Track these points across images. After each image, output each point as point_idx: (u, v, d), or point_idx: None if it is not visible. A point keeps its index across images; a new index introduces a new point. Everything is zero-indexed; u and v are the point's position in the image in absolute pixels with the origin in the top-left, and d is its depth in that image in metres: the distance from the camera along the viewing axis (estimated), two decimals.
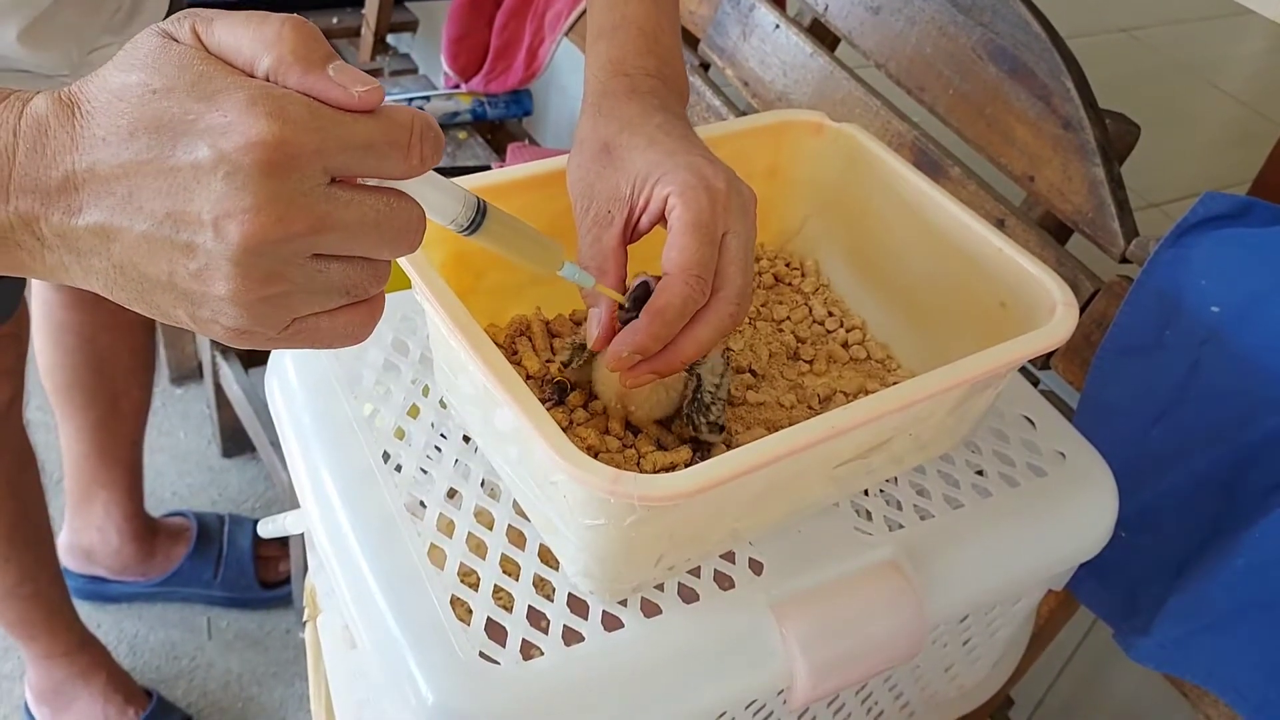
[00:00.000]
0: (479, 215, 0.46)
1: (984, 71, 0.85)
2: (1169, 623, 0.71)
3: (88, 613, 1.46)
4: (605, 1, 0.65)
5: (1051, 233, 0.84)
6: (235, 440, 1.67)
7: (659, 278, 0.54)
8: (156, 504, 1.59)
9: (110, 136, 0.36)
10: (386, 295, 0.73)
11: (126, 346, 1.26)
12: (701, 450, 0.63)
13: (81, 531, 1.42)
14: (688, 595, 0.58)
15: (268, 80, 0.37)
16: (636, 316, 0.55)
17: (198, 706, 1.39)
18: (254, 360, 1.52)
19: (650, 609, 0.57)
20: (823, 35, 1.02)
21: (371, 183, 0.40)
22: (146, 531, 1.45)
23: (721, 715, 0.60)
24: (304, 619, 0.78)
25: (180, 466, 1.68)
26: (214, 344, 1.54)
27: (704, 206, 0.53)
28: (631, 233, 0.58)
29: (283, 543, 1.53)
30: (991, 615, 0.72)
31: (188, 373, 1.79)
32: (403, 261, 0.57)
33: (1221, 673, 0.70)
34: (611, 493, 0.47)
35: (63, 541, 1.43)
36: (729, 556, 0.60)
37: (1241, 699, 0.69)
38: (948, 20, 0.88)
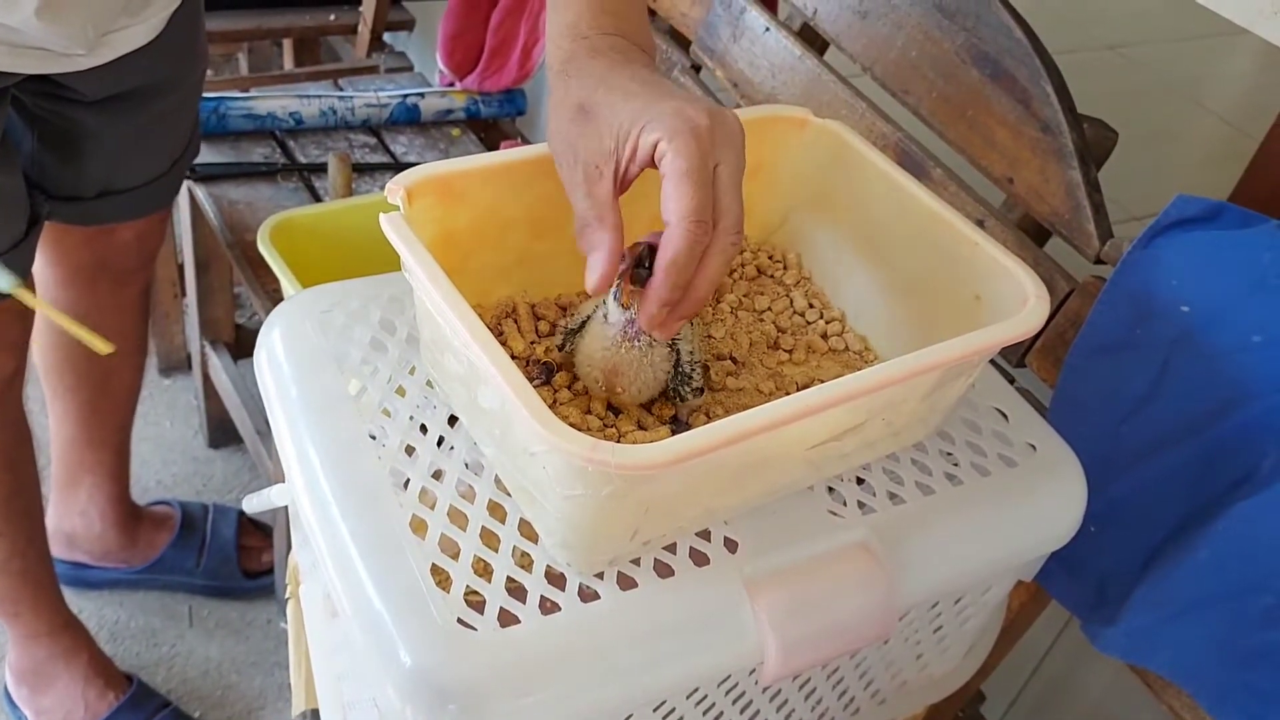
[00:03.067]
0: None
1: (966, 75, 0.87)
2: (1134, 613, 0.73)
3: (70, 598, 1.45)
4: None
5: (1030, 234, 0.86)
6: (222, 431, 1.68)
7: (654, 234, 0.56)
8: (141, 493, 1.60)
9: None
10: (378, 276, 0.74)
11: (120, 327, 1.27)
12: (681, 428, 0.64)
13: (65, 516, 1.43)
14: (663, 570, 0.59)
15: None
16: (647, 272, 0.56)
17: (178, 693, 1.40)
18: (243, 352, 1.53)
19: (626, 583, 0.58)
20: (811, 39, 1.04)
21: None
22: (130, 518, 1.46)
23: (695, 692, 0.62)
24: (285, 595, 0.79)
25: (166, 456, 1.68)
26: (204, 334, 1.55)
27: (693, 151, 0.55)
28: (621, 183, 0.59)
29: (265, 533, 1.54)
30: (962, 603, 0.74)
31: (175, 364, 1.80)
32: (394, 239, 0.59)
33: (1184, 664, 0.71)
34: (589, 460, 0.48)
35: (47, 526, 1.44)
36: (705, 534, 0.61)
37: (1203, 690, 0.71)
38: (933, 25, 0.89)
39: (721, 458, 0.52)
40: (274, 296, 1.20)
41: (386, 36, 1.75)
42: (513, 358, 0.65)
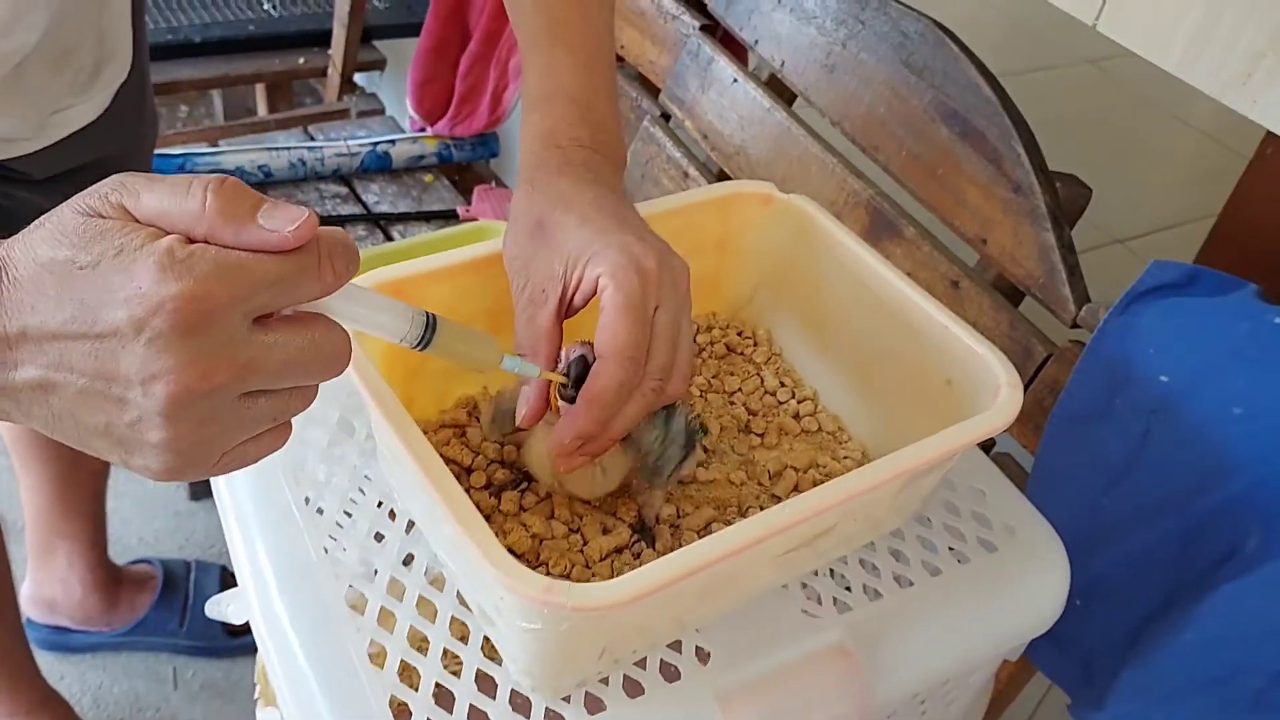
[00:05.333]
0: (429, 331, 0.48)
1: (936, 133, 0.86)
2: (1122, 697, 0.71)
3: (51, 663, 1.44)
4: (538, 71, 0.65)
5: (1005, 295, 0.84)
6: (203, 482, 1.66)
7: (588, 345, 0.55)
8: (122, 550, 1.57)
9: (38, 305, 0.38)
10: None
11: None
12: (644, 533, 0.62)
13: (44, 583, 1.41)
14: (632, 689, 0.57)
15: (206, 242, 0.38)
16: (575, 390, 0.55)
17: None
18: None
19: (595, 705, 0.56)
20: (780, 91, 1.02)
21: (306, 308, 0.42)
22: (110, 581, 1.44)
23: None
24: (256, 696, 0.77)
25: (146, 511, 1.66)
26: None
27: (634, 287, 0.54)
28: (566, 309, 0.58)
29: None
30: (946, 688, 0.72)
31: None
32: None
33: None
34: (544, 603, 0.47)
35: (26, 592, 1.42)
36: (675, 645, 0.60)
37: None
38: (900, 81, 0.88)
39: (686, 583, 0.50)
40: None
41: (358, 77, 1.74)
42: (475, 461, 0.64)
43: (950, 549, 0.68)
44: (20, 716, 1.23)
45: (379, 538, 0.62)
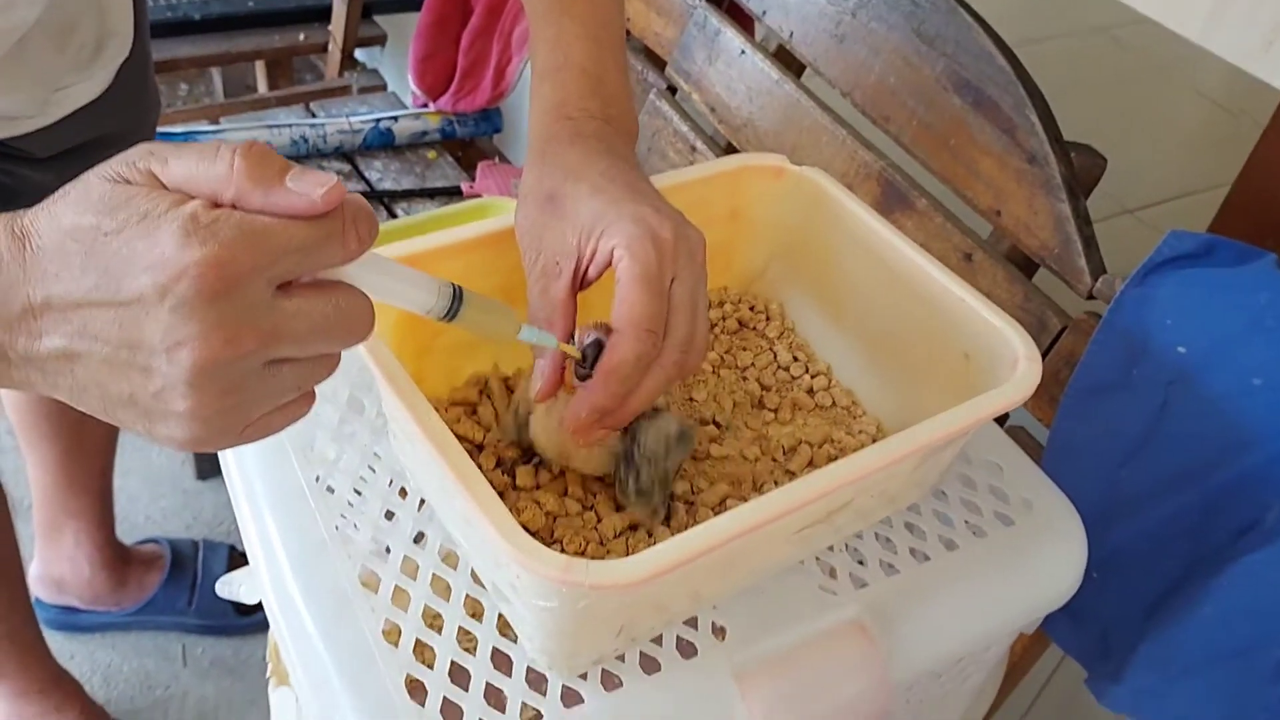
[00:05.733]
0: (455, 302, 0.48)
1: (948, 103, 0.84)
2: (1140, 670, 0.70)
3: (60, 643, 1.44)
4: (548, 44, 0.64)
5: (1019, 267, 0.83)
6: (210, 461, 1.65)
7: (606, 326, 0.54)
8: (130, 529, 1.57)
9: (62, 273, 0.38)
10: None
11: None
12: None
13: (52, 562, 1.41)
14: (649, 666, 0.57)
15: (234, 208, 0.38)
16: (590, 370, 0.54)
17: None
18: None
19: (611, 682, 0.56)
20: (789, 61, 1.01)
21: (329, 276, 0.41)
22: (118, 560, 1.44)
23: None
24: (268, 674, 0.77)
25: (154, 490, 1.66)
26: None
27: (650, 258, 0.53)
28: (580, 282, 0.57)
29: None
30: (962, 664, 0.71)
31: None
32: None
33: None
34: (563, 582, 0.46)
35: (34, 572, 1.42)
36: (692, 622, 0.59)
37: None
38: (911, 51, 0.86)
39: (703, 560, 0.50)
40: None
41: (359, 53, 1.72)
42: (486, 438, 0.63)
43: (967, 523, 0.67)
44: (31, 696, 1.24)
45: (390, 516, 0.62)
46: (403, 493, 0.64)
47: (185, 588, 1.48)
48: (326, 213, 0.39)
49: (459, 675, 0.55)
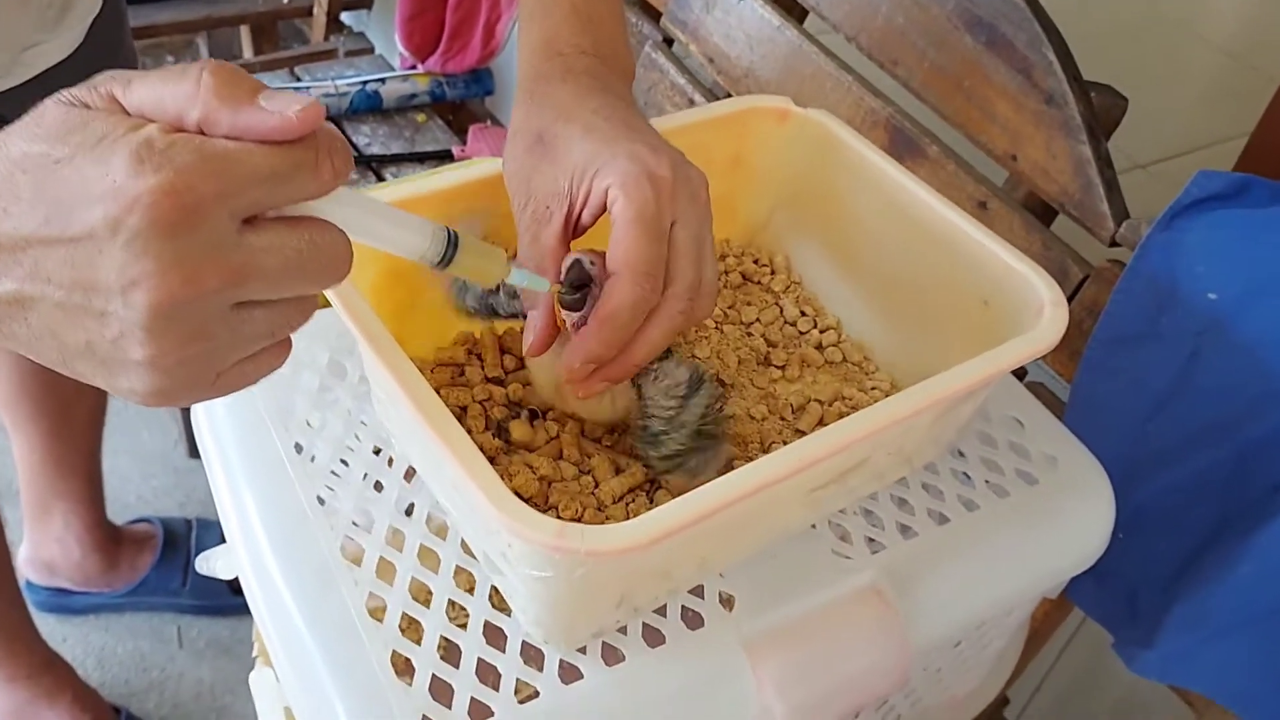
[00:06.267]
0: (450, 248, 0.43)
1: (960, 43, 0.80)
2: (1172, 634, 0.67)
3: (53, 626, 1.41)
4: None
5: (1036, 215, 0.79)
6: None
7: (596, 253, 0.50)
8: (121, 509, 1.54)
9: (11, 208, 0.34)
10: (323, 311, 0.68)
11: None
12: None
13: (42, 544, 1.37)
14: (653, 638, 0.53)
15: (201, 133, 0.34)
16: (575, 299, 0.50)
17: (170, 719, 1.35)
18: None
19: (612, 656, 0.52)
20: (790, 7, 0.96)
21: (294, 212, 0.37)
22: (109, 541, 1.40)
23: None
24: (254, 654, 0.73)
25: (145, 469, 1.63)
26: None
27: (648, 198, 0.49)
28: (574, 229, 0.53)
29: None
30: (983, 628, 0.68)
31: None
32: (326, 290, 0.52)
33: (1230, 684, 0.66)
34: (556, 549, 0.42)
35: (23, 554, 1.39)
36: (698, 591, 0.55)
37: (1252, 712, 0.65)
38: None
39: (709, 522, 0.46)
40: None
41: (345, 16, 1.67)
42: (473, 400, 0.60)
43: (987, 482, 0.63)
44: (20, 681, 1.20)
45: (378, 487, 0.58)
46: (390, 462, 0.60)
47: (179, 567, 1.44)
48: (301, 139, 0.35)
49: (449, 651, 0.51)
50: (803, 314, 0.70)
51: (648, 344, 0.50)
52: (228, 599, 1.45)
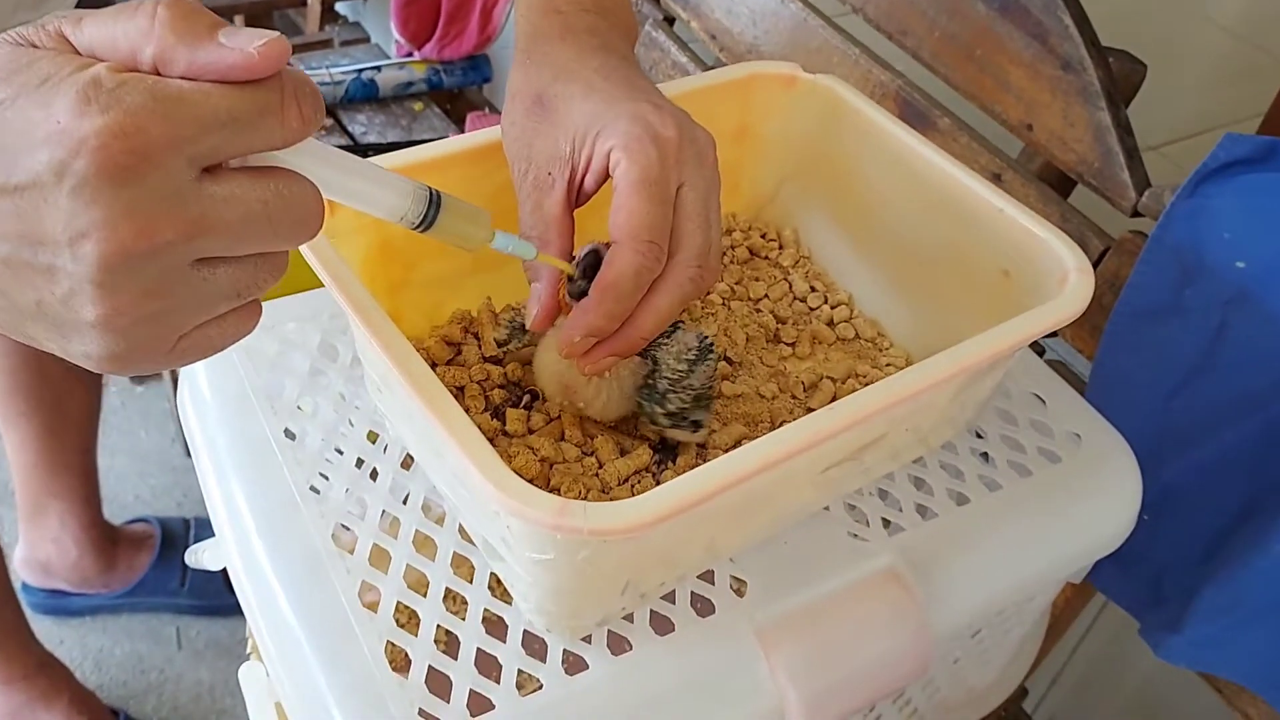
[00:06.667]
0: (432, 208, 0.41)
1: (972, 9, 0.77)
2: (1201, 618, 0.64)
3: (49, 628, 1.39)
4: None
5: (1053, 186, 0.76)
6: None
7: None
8: (119, 509, 1.52)
9: None
10: (314, 291, 0.65)
11: None
12: (666, 452, 0.55)
13: (37, 545, 1.35)
14: (661, 626, 0.50)
15: (157, 73, 0.32)
16: (586, 282, 0.47)
17: None
18: None
19: (619, 645, 0.49)
20: None
21: (258, 162, 0.34)
22: (106, 541, 1.38)
23: None
24: (248, 651, 0.71)
25: (142, 468, 1.60)
26: None
27: (652, 160, 0.46)
28: (577, 195, 0.50)
29: None
30: (1004, 616, 0.65)
31: None
32: (312, 262, 0.50)
33: (1263, 670, 0.63)
34: (558, 528, 0.40)
35: (19, 555, 1.36)
36: (707, 576, 0.53)
37: None
38: None
39: (718, 502, 0.43)
40: None
41: (340, 6, 1.65)
42: (471, 380, 0.57)
43: (1009, 462, 0.61)
44: (16, 683, 1.18)
45: (374, 475, 0.55)
46: (384, 448, 0.57)
47: (177, 567, 1.42)
48: (266, 80, 0.32)
49: (447, 643, 0.49)
50: (813, 289, 0.67)
51: (655, 314, 0.47)
52: (226, 599, 1.42)
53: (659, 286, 0.47)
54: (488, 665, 0.48)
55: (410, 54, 1.43)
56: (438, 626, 0.49)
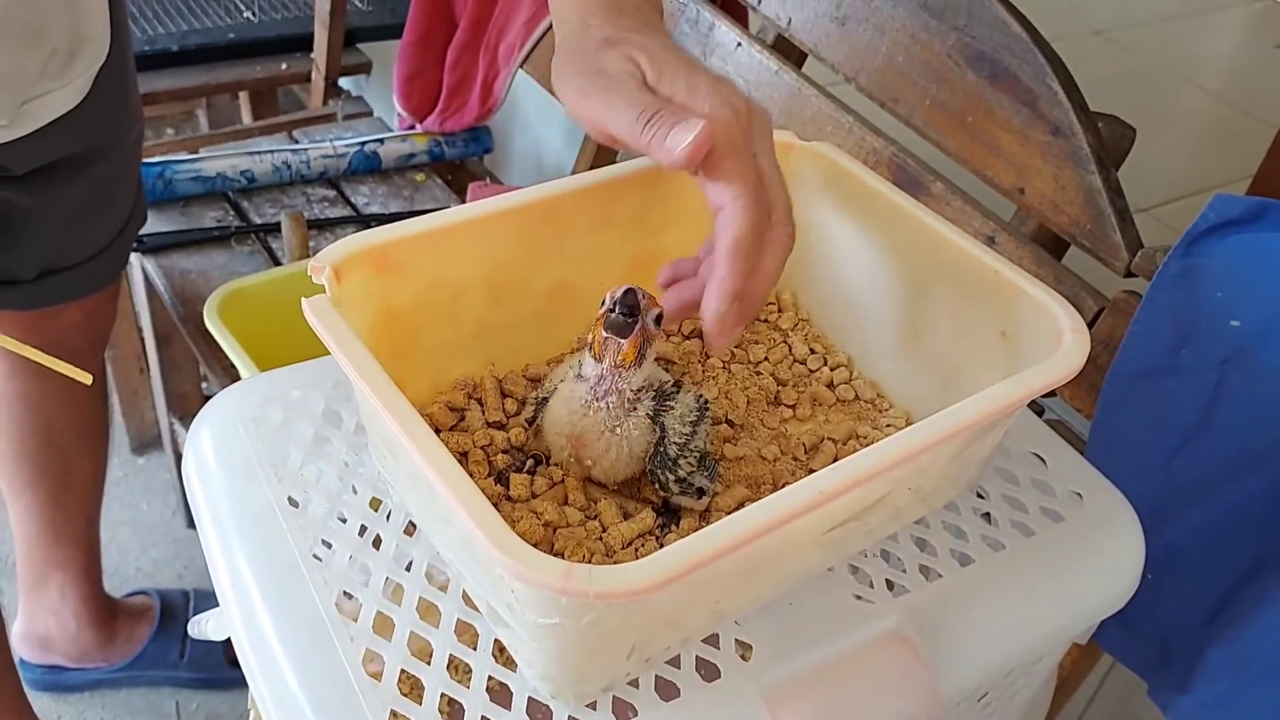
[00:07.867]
0: None
1: (962, 79, 0.79)
2: (1210, 677, 0.64)
3: (47, 704, 1.37)
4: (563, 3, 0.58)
5: (1046, 248, 0.77)
6: None
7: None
8: (120, 581, 1.51)
9: None
10: (318, 359, 0.66)
11: (75, 415, 1.19)
12: (670, 515, 0.56)
13: (37, 617, 1.34)
14: (667, 691, 0.50)
15: None
16: (624, 316, 0.49)
17: None
18: None
19: (624, 710, 0.49)
20: (788, 51, 0.96)
21: None
22: (106, 614, 1.37)
23: None
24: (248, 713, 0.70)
25: (144, 539, 1.60)
26: (171, 410, 1.47)
27: (735, 130, 0.48)
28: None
29: None
30: (1012, 677, 0.65)
31: (149, 441, 1.71)
32: (319, 330, 0.50)
33: None
34: (563, 591, 0.40)
35: (17, 630, 1.35)
36: (712, 640, 0.53)
37: None
38: (919, 26, 0.81)
39: (722, 564, 0.44)
40: (232, 373, 1.12)
41: (344, 81, 1.68)
42: (477, 447, 0.57)
43: (1012, 521, 0.61)
44: None
45: (377, 542, 0.55)
46: (387, 515, 0.57)
47: (176, 640, 1.41)
48: None
49: (450, 711, 0.48)
50: (812, 351, 0.68)
51: (767, 274, 0.50)
52: (227, 672, 1.41)
53: (766, 247, 0.49)
54: None
55: (412, 127, 1.45)
56: (441, 695, 0.49)
